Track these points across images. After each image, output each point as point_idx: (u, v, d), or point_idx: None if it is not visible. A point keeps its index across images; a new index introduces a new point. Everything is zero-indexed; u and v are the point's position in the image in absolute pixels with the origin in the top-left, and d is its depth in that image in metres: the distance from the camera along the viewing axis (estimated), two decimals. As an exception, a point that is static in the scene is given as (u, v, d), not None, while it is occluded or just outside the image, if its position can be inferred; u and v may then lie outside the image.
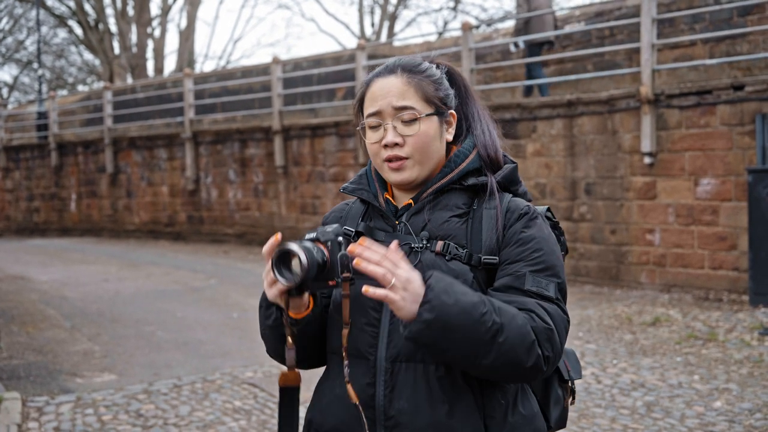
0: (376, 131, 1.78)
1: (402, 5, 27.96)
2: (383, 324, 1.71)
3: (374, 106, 1.78)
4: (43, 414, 5.22)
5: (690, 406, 5.12)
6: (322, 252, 1.65)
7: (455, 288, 1.58)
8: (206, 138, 15.73)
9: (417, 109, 1.75)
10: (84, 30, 26.99)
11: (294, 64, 15.70)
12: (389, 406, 1.68)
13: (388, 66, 1.82)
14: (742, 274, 8.41)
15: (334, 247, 1.66)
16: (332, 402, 1.78)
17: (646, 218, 9.23)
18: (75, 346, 7.14)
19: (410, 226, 1.77)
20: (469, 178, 1.79)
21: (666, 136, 9.01)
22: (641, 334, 7.08)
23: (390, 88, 1.77)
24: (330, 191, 13.43)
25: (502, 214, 1.74)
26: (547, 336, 1.62)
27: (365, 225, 1.83)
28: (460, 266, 1.70)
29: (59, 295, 9.70)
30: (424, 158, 1.77)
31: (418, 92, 1.77)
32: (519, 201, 1.78)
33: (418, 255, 1.73)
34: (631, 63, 10.58)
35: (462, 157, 1.81)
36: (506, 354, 1.58)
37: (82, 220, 18.73)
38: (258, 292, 7.43)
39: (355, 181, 1.90)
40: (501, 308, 1.59)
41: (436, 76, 1.82)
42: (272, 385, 5.81)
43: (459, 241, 1.73)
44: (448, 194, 1.79)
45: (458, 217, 1.76)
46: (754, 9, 9.61)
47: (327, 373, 1.86)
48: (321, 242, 1.67)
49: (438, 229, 1.75)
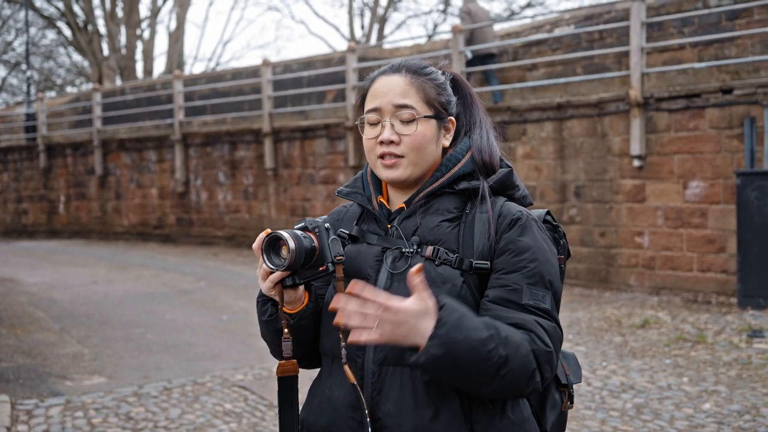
0: (374, 128, 1.79)
1: (392, 8, 27.99)
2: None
3: (375, 102, 1.79)
4: (32, 417, 5.19)
5: (679, 408, 5.15)
6: (310, 238, 1.68)
7: (466, 323, 1.56)
8: (196, 140, 15.70)
9: (416, 109, 1.76)
10: (73, 31, 26.87)
11: (284, 66, 15.69)
12: (376, 408, 1.69)
13: (393, 65, 1.83)
14: (730, 276, 8.45)
15: (322, 233, 1.69)
16: (323, 403, 1.79)
17: (635, 221, 9.28)
18: (64, 348, 7.11)
19: (401, 230, 1.77)
20: (460, 183, 1.79)
21: (655, 139, 9.05)
22: (630, 336, 7.11)
23: (392, 86, 1.78)
24: (320, 194, 13.42)
25: (494, 219, 1.74)
26: (547, 359, 1.64)
27: (358, 228, 1.85)
28: (449, 271, 1.70)
29: (48, 297, 9.66)
30: (418, 159, 1.77)
31: (420, 93, 1.78)
32: (512, 206, 1.78)
33: (408, 260, 1.73)
34: (620, 66, 10.62)
35: (454, 161, 1.81)
36: (508, 383, 1.60)
37: (71, 222, 18.67)
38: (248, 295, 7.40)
39: (349, 185, 1.91)
40: (507, 338, 1.59)
41: (440, 80, 1.83)
42: (263, 387, 5.81)
43: (449, 246, 1.73)
44: (440, 198, 1.79)
45: (449, 221, 1.76)
46: (743, 13, 9.66)
47: (320, 374, 1.87)
48: (309, 230, 1.70)
49: (428, 234, 1.75)
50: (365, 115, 1.80)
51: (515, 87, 10.99)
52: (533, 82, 11.06)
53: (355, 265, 1.77)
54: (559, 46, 11.71)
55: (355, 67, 12.78)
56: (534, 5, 25.46)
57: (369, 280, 1.74)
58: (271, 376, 6.09)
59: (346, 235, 1.84)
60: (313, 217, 1.76)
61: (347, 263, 1.76)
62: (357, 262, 1.77)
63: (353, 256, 1.79)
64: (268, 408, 5.39)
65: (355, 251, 1.80)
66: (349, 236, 1.84)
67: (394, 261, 1.75)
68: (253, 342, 7.22)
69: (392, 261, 1.75)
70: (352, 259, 1.78)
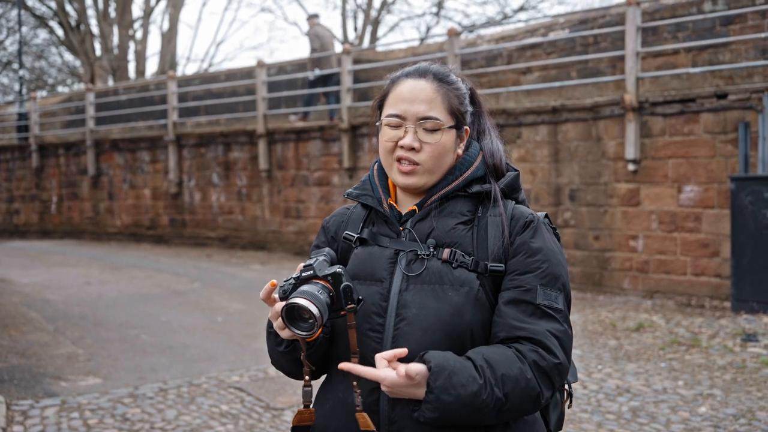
0: (395, 130, 1.78)
1: (385, 10, 27.99)
2: (387, 329, 1.72)
3: (399, 107, 1.78)
4: (27, 418, 5.17)
5: (675, 411, 5.17)
6: (326, 289, 1.65)
7: (454, 381, 1.59)
8: (189, 141, 15.67)
9: (441, 120, 1.77)
10: (65, 31, 26.78)
11: (278, 67, 15.68)
12: (392, 411, 1.69)
13: (420, 69, 1.83)
14: (724, 280, 8.49)
15: (335, 280, 1.66)
16: (335, 406, 1.78)
17: (629, 225, 9.31)
18: (58, 349, 7.09)
19: (415, 233, 1.77)
20: (473, 186, 1.80)
21: (650, 144, 9.08)
22: (625, 339, 7.13)
23: (419, 92, 1.78)
24: (314, 195, 13.41)
25: (508, 222, 1.75)
26: (557, 371, 1.67)
27: (369, 231, 1.84)
28: (466, 274, 1.71)
29: (41, 297, 9.62)
30: (435, 167, 1.78)
31: (445, 102, 1.79)
32: (523, 209, 1.80)
33: (425, 262, 1.74)
34: (614, 71, 10.67)
35: (467, 165, 1.82)
36: (514, 413, 1.66)
37: (63, 222, 18.60)
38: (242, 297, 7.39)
39: (359, 187, 1.90)
40: (504, 376, 1.62)
41: (462, 90, 1.84)
42: (259, 389, 5.80)
43: (465, 248, 1.74)
44: (453, 201, 1.80)
45: (464, 224, 1.77)
46: (737, 19, 9.72)
47: (329, 378, 1.86)
48: (320, 278, 1.66)
49: (445, 237, 1.75)
50: (387, 118, 1.79)
51: (510, 90, 11.01)
52: (528, 86, 11.08)
53: (368, 268, 1.77)
54: (553, 49, 11.76)
55: (350, 69, 12.78)
56: (527, 9, 25.53)
57: (383, 283, 1.74)
58: (267, 377, 6.09)
59: (353, 238, 1.84)
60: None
61: (359, 266, 1.76)
62: (369, 265, 1.77)
63: (365, 259, 1.78)
64: (265, 410, 5.38)
65: (367, 254, 1.80)
66: (357, 239, 1.84)
67: (409, 263, 1.75)
68: (248, 344, 7.22)
69: (407, 263, 1.75)
70: (364, 261, 1.78)
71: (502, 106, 10.84)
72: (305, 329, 1.61)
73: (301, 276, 1.67)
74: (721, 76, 9.34)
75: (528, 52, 12.12)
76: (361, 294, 1.71)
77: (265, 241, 14.34)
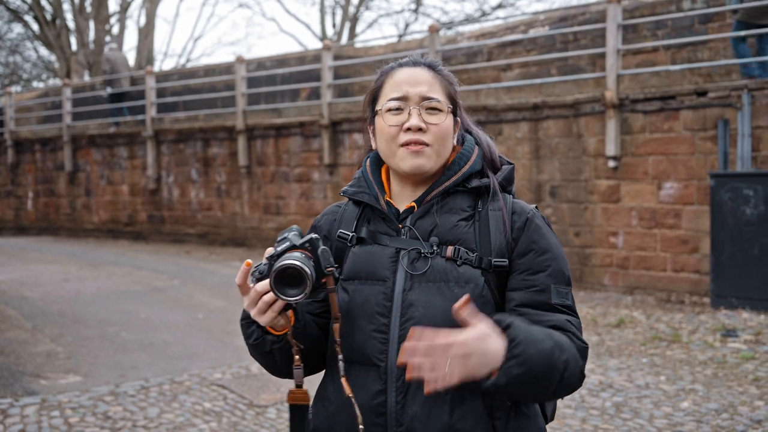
0: (397, 115, 1.75)
1: (364, 6, 27.94)
2: (393, 329, 1.68)
3: (400, 91, 1.75)
4: (7, 416, 5.10)
5: (658, 406, 5.20)
6: (307, 256, 1.62)
7: (535, 336, 1.55)
8: (168, 137, 15.55)
9: (442, 101, 1.76)
10: (40, 25, 26.46)
11: (258, 63, 15.59)
12: (401, 412, 1.65)
13: (412, 59, 1.82)
14: (703, 276, 8.56)
15: (313, 246, 1.64)
16: (341, 408, 1.73)
17: (609, 221, 9.35)
18: (38, 347, 7.00)
19: (416, 230, 1.74)
20: (472, 180, 1.78)
21: (630, 140, 9.13)
22: (607, 335, 7.17)
23: (418, 77, 1.76)
24: (294, 192, 13.36)
25: (509, 216, 1.74)
26: (585, 354, 1.67)
27: (367, 229, 1.79)
28: (470, 271, 1.68)
29: (19, 295, 9.50)
30: (441, 150, 1.75)
31: (443, 88, 1.78)
32: (523, 204, 1.78)
33: (428, 260, 1.70)
34: (594, 68, 10.71)
35: (465, 159, 1.80)
36: (567, 384, 1.61)
37: (39, 218, 18.40)
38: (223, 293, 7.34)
39: (354, 184, 1.85)
40: (561, 342, 1.60)
41: (454, 80, 1.84)
42: (242, 386, 5.76)
43: (468, 245, 1.71)
44: (453, 197, 1.77)
45: (465, 220, 1.74)
46: (715, 17, 9.79)
47: (329, 379, 1.81)
48: (298, 247, 1.64)
49: (447, 234, 1.72)
50: (388, 102, 1.75)
51: (490, 87, 11.02)
52: (508, 83, 11.10)
53: (369, 267, 1.73)
54: (534, 47, 11.78)
55: (331, 65, 12.74)
56: (505, 6, 25.58)
57: (386, 283, 1.71)
58: (250, 374, 6.06)
59: (348, 236, 1.80)
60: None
61: (359, 266, 1.73)
62: (371, 265, 1.73)
63: (365, 259, 1.75)
64: (248, 407, 5.35)
65: (367, 253, 1.76)
66: (355, 238, 1.80)
67: (412, 262, 1.71)
68: (230, 340, 7.17)
69: (410, 262, 1.71)
70: (364, 261, 1.74)
71: (483, 102, 10.84)
72: (295, 295, 1.58)
73: (277, 250, 1.63)
74: (700, 73, 9.40)
75: (508, 49, 12.13)
76: (363, 294, 1.69)
77: (244, 238, 14.26)
